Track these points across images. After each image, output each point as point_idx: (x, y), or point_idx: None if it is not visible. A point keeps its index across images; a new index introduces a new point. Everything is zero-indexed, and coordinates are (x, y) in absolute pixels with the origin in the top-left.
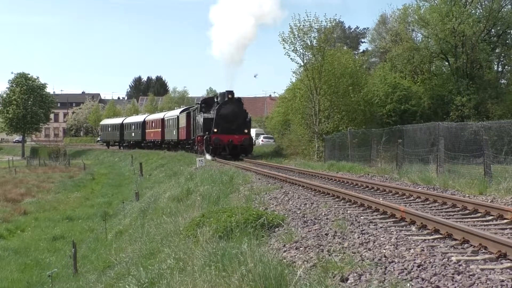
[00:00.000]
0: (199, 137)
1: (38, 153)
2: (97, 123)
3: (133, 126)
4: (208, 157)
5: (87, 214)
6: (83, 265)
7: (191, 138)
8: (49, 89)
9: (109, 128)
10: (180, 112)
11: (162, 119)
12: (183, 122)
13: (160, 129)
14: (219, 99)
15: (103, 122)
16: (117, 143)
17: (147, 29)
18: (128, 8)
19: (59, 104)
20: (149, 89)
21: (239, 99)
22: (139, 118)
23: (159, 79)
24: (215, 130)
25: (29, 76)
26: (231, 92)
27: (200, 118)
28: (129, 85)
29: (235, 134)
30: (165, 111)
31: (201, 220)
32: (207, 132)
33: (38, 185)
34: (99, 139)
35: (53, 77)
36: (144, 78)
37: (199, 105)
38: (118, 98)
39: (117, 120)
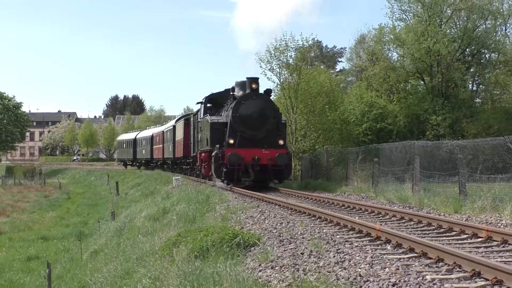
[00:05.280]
0: (203, 154)
1: (13, 172)
2: (72, 142)
3: (144, 142)
4: (219, 184)
5: (62, 234)
6: (57, 286)
7: (190, 155)
8: (25, 108)
9: (124, 145)
10: (177, 121)
11: (163, 132)
12: (180, 134)
13: (161, 145)
14: (235, 91)
15: (119, 137)
16: (136, 163)
17: (123, 48)
18: (104, 26)
19: (35, 123)
20: (125, 108)
21: (268, 92)
22: (149, 132)
23: (135, 97)
24: (231, 141)
25: (4, 95)
26: (255, 80)
27: (205, 124)
28: (106, 104)
29: (263, 147)
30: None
31: (177, 239)
32: (217, 145)
33: (12, 205)
34: (75, 158)
35: (29, 95)
36: (121, 97)
37: (202, 104)
38: (95, 116)
39: (131, 135)
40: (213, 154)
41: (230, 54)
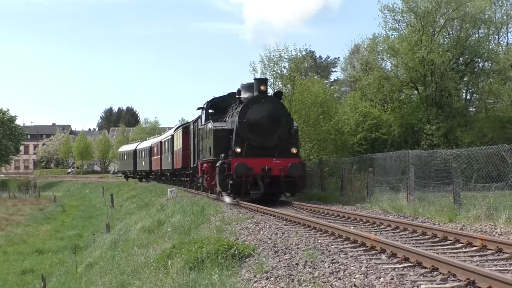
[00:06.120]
0: (206, 164)
1: (8, 185)
2: (67, 154)
3: (143, 153)
4: (226, 199)
5: (57, 247)
6: None
7: (190, 167)
8: (19, 121)
9: (125, 156)
10: (175, 130)
11: (160, 142)
12: (178, 143)
13: (159, 156)
14: (242, 95)
15: (120, 149)
16: (137, 175)
17: (117, 60)
18: (98, 39)
19: (29, 136)
20: (120, 120)
21: (278, 94)
22: (148, 143)
23: (130, 110)
24: (238, 150)
25: None
26: (264, 82)
27: (207, 132)
28: (100, 116)
29: (274, 156)
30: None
31: (172, 251)
32: (222, 155)
33: (7, 218)
34: (69, 170)
35: (23, 108)
36: (115, 109)
37: (203, 110)
38: (89, 129)
39: (131, 147)
40: (217, 164)
41: (225, 65)
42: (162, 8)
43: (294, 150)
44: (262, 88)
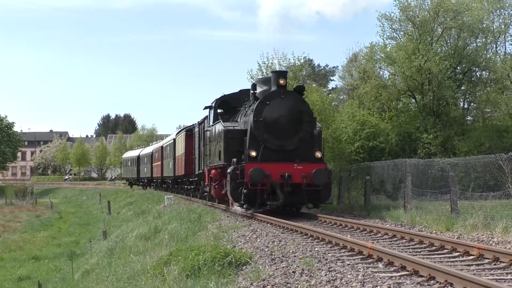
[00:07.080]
0: (213, 171)
1: (5, 192)
2: (64, 161)
3: (145, 159)
4: (238, 211)
5: (54, 254)
6: None
7: (195, 173)
8: (17, 128)
9: (129, 163)
10: (177, 133)
11: (161, 148)
12: (181, 148)
13: (160, 162)
14: (257, 90)
15: (124, 155)
16: (140, 183)
17: (115, 67)
18: (96, 46)
19: (26, 143)
20: (117, 127)
21: (300, 89)
22: (150, 148)
23: (127, 116)
24: (253, 153)
25: None
26: (284, 75)
27: (216, 133)
28: (98, 123)
29: (294, 161)
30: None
31: (169, 258)
32: (233, 160)
33: (4, 225)
34: (66, 177)
35: (21, 115)
36: (113, 116)
37: (211, 110)
38: (87, 136)
39: (135, 152)
40: (228, 170)
41: (223, 72)
42: (160, 16)
43: (318, 154)
44: (282, 82)
